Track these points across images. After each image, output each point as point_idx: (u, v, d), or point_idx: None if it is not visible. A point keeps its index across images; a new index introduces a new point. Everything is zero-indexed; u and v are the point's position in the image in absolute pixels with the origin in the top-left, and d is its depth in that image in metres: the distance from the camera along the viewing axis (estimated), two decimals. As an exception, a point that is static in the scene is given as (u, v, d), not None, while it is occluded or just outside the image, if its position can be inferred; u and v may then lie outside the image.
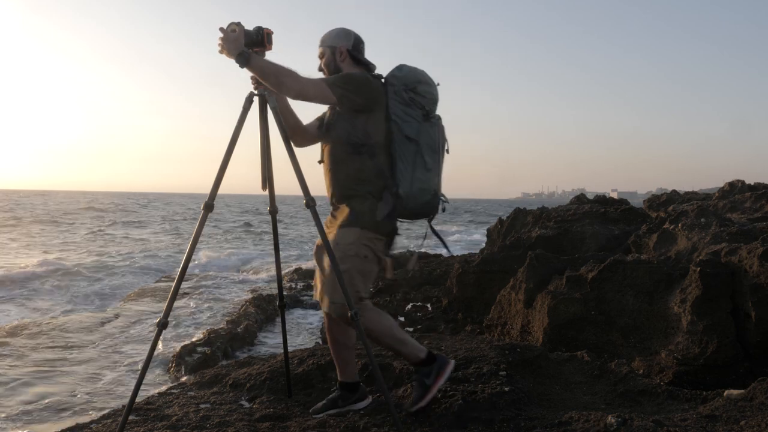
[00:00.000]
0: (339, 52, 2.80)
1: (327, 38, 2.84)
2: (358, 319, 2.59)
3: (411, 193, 2.68)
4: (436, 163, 2.77)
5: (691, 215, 5.99)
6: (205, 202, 2.65)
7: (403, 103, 2.71)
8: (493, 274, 7.31)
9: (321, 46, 2.85)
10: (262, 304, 8.85)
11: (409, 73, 2.76)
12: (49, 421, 4.44)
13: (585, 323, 4.78)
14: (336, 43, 2.81)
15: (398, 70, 2.78)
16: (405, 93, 2.72)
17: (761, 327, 4.09)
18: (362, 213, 2.70)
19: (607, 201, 10.10)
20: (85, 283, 11.51)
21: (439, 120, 2.81)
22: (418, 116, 2.73)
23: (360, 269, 2.68)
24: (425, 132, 2.73)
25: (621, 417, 2.62)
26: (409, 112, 2.71)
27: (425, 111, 2.76)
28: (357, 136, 2.69)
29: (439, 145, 2.79)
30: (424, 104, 2.76)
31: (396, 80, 2.74)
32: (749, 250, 4.36)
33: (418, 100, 2.74)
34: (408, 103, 2.71)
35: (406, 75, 2.75)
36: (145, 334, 7.37)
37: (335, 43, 2.81)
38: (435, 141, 2.76)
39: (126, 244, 20.11)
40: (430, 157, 2.74)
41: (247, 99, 2.73)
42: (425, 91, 2.76)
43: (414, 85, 2.74)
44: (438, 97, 2.81)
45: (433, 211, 2.81)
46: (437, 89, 2.81)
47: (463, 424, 2.75)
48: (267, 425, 2.79)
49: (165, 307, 2.59)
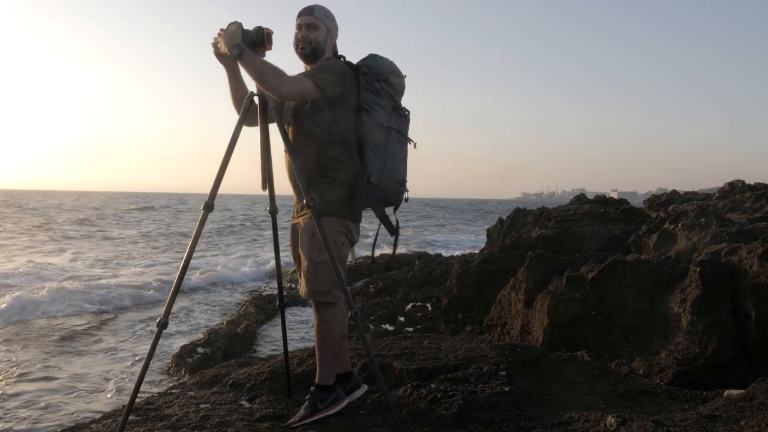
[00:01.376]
0: (331, 37, 2.81)
1: (326, 17, 2.79)
2: (359, 319, 2.62)
3: (381, 181, 2.70)
4: (403, 153, 2.80)
5: (691, 215, 5.99)
6: (205, 202, 2.66)
7: (374, 92, 2.73)
8: (493, 274, 7.31)
9: (319, 20, 2.77)
10: (262, 304, 8.85)
11: (382, 64, 2.78)
12: (50, 421, 4.45)
13: (585, 323, 4.78)
14: (332, 27, 2.82)
15: (371, 59, 2.79)
16: (377, 83, 2.74)
17: (761, 327, 4.09)
18: (334, 201, 2.72)
19: (607, 201, 10.10)
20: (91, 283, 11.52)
21: (406, 112, 2.84)
22: (387, 106, 2.76)
23: (338, 256, 2.71)
24: (394, 122, 2.76)
25: (621, 417, 2.62)
26: (380, 101, 2.73)
27: (394, 102, 2.79)
28: (328, 123, 2.71)
29: (405, 137, 2.82)
30: (393, 95, 2.79)
31: (368, 69, 2.75)
32: (749, 250, 4.36)
33: (388, 91, 2.76)
34: (379, 93, 2.74)
35: (379, 65, 2.77)
36: (144, 334, 7.37)
37: (332, 27, 2.82)
38: (403, 132, 2.80)
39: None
40: (399, 147, 2.77)
41: (248, 99, 2.74)
42: (396, 83, 2.79)
43: (387, 76, 2.76)
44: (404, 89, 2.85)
45: (398, 201, 2.83)
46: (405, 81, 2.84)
47: (463, 424, 2.75)
48: (267, 425, 2.79)
49: (165, 307, 2.59)
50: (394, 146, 2.74)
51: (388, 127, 2.72)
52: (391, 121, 2.74)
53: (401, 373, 3.33)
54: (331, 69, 2.68)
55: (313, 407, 2.79)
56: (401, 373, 3.33)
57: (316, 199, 2.65)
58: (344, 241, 2.77)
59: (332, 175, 2.73)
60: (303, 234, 2.76)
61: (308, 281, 2.73)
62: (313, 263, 2.70)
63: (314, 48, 2.76)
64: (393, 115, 2.76)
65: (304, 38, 2.75)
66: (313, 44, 2.75)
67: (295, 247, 2.93)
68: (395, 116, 2.76)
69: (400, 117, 2.78)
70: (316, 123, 2.71)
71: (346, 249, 2.80)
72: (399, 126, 2.77)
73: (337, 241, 2.73)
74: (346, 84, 2.69)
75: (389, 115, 2.74)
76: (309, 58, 2.78)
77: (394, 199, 2.79)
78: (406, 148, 2.81)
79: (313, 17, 2.75)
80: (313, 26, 2.75)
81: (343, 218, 2.75)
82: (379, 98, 2.73)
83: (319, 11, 2.78)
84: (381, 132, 2.71)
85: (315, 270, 2.69)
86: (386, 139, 2.72)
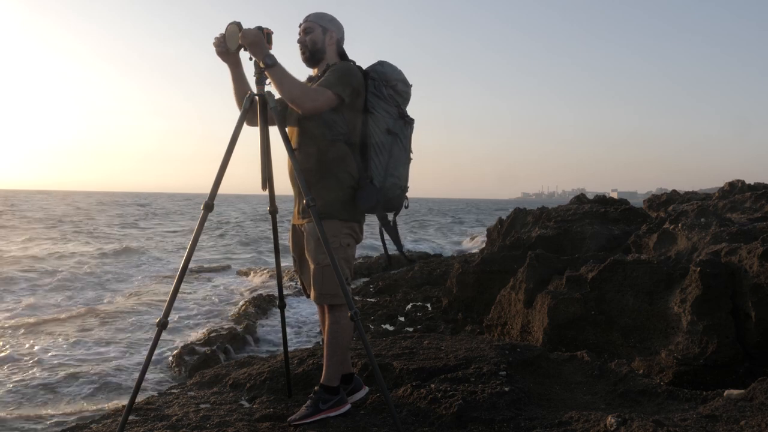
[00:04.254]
0: (330, 35, 2.82)
1: (321, 18, 2.83)
2: (358, 319, 2.61)
3: (384, 185, 2.73)
4: (406, 159, 2.83)
5: (691, 215, 5.99)
6: (205, 202, 2.65)
7: (381, 98, 2.76)
8: (493, 274, 7.32)
9: (312, 22, 2.81)
10: (262, 304, 8.86)
11: (390, 71, 2.81)
12: (50, 421, 4.45)
13: (585, 323, 4.78)
14: (330, 27, 2.83)
15: (380, 65, 2.82)
16: (384, 89, 2.77)
17: (761, 327, 4.09)
18: (337, 203, 2.73)
19: (607, 201, 10.10)
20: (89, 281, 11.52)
21: (411, 121, 2.87)
22: (393, 112, 2.78)
23: (345, 257, 2.74)
24: (399, 128, 2.78)
25: (621, 417, 2.62)
26: (386, 107, 2.76)
27: (400, 109, 2.81)
28: (330, 123, 2.72)
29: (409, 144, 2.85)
30: (399, 102, 2.81)
31: (377, 75, 2.78)
32: (749, 250, 4.36)
33: (394, 98, 2.79)
34: (386, 99, 2.77)
35: (388, 71, 2.80)
36: (144, 334, 7.37)
37: (329, 26, 2.83)
38: (407, 139, 2.82)
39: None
40: (402, 153, 2.79)
41: (248, 98, 2.74)
42: (403, 91, 2.82)
43: (394, 83, 2.79)
44: (410, 98, 2.88)
45: (398, 207, 2.85)
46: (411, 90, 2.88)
47: (463, 424, 2.75)
48: (267, 425, 2.79)
49: (165, 307, 2.59)
50: (398, 151, 2.75)
51: (392, 132, 2.74)
52: (395, 126, 2.76)
53: (401, 373, 3.33)
54: (345, 74, 2.70)
55: (315, 407, 2.79)
56: (401, 373, 3.33)
57: (317, 200, 2.65)
58: (350, 242, 2.78)
59: (333, 176, 2.74)
60: (309, 238, 2.76)
61: (316, 285, 2.73)
62: (320, 267, 2.70)
63: (311, 50, 2.79)
64: (398, 121, 2.77)
65: (301, 43, 2.80)
66: (309, 46, 2.79)
67: (295, 247, 2.93)
68: (400, 122, 2.78)
69: (405, 124, 2.80)
70: (318, 123, 2.71)
71: (353, 250, 2.82)
72: (403, 132, 2.78)
73: (344, 242, 2.73)
74: (359, 87, 2.72)
75: (394, 121, 2.76)
76: (310, 61, 2.82)
77: (395, 204, 2.81)
78: (408, 155, 2.83)
79: (308, 22, 2.81)
80: (308, 30, 2.80)
81: (348, 220, 2.75)
82: (386, 103, 2.76)
83: (313, 15, 2.82)
84: (385, 136, 2.73)
85: (323, 273, 2.69)
86: (390, 144, 2.74)
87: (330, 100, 2.63)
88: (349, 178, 2.74)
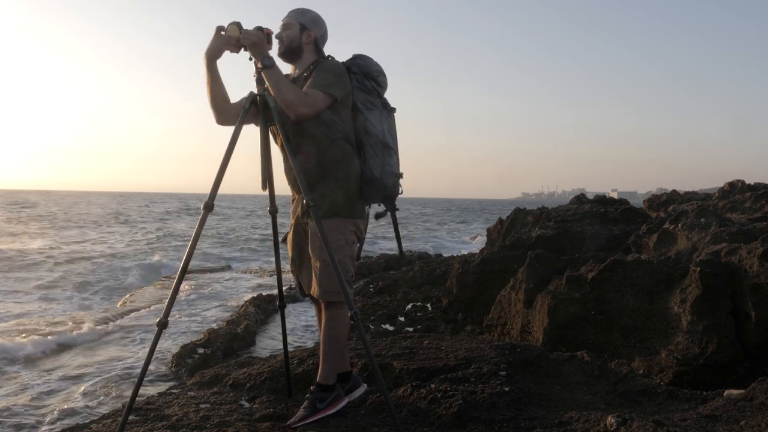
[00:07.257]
0: (308, 34, 2.83)
1: (301, 15, 2.83)
2: (358, 319, 2.61)
3: (382, 176, 2.78)
4: (396, 148, 2.89)
5: (691, 215, 6.00)
6: (205, 202, 2.65)
7: (365, 91, 2.82)
8: (493, 274, 7.31)
9: (292, 19, 2.81)
10: (262, 304, 8.85)
11: (370, 63, 2.86)
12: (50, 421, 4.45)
13: (585, 323, 4.78)
14: (309, 25, 2.84)
15: (360, 59, 2.86)
16: (367, 82, 2.83)
17: (761, 327, 4.09)
18: (339, 201, 2.75)
19: (607, 201, 10.10)
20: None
21: (393, 110, 2.92)
22: (378, 105, 2.84)
23: (349, 255, 2.78)
24: (386, 119, 2.85)
25: (621, 417, 2.62)
26: (372, 99, 2.82)
27: (383, 99, 2.88)
28: (329, 123, 2.75)
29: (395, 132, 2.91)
30: (380, 93, 2.87)
31: (358, 69, 2.83)
32: (749, 250, 4.36)
33: (377, 90, 2.85)
34: (370, 91, 2.82)
35: (368, 65, 2.85)
36: (144, 334, 7.37)
37: (309, 25, 2.84)
38: (394, 128, 2.89)
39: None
40: (393, 142, 2.85)
41: (248, 98, 2.74)
42: (383, 81, 2.89)
43: (375, 75, 2.85)
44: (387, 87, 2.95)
45: (396, 194, 2.90)
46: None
47: (463, 424, 2.75)
48: (267, 425, 2.78)
49: (165, 307, 2.59)
50: (389, 142, 2.81)
51: (381, 123, 2.80)
52: (383, 117, 2.82)
53: (401, 373, 3.33)
54: (333, 73, 2.72)
55: (313, 407, 2.78)
56: (401, 373, 3.33)
57: (320, 199, 2.67)
58: (355, 239, 2.81)
59: (334, 175, 2.75)
60: (314, 237, 2.76)
61: (320, 282, 2.74)
62: (326, 264, 2.70)
63: (287, 46, 2.80)
64: (383, 111, 2.84)
65: (278, 38, 2.80)
66: (285, 42, 2.80)
67: (295, 246, 2.93)
68: (385, 112, 2.85)
69: (389, 113, 2.87)
70: (317, 123, 2.72)
71: (356, 245, 2.84)
72: (390, 123, 2.86)
73: (349, 240, 2.76)
74: (348, 84, 2.75)
75: (380, 112, 2.82)
76: (284, 56, 2.83)
77: (393, 193, 2.86)
78: (396, 142, 2.89)
79: (287, 18, 2.82)
80: (286, 26, 2.81)
81: (351, 217, 2.77)
82: (372, 96, 2.81)
83: (295, 11, 2.84)
84: (378, 129, 2.78)
85: (328, 271, 2.70)
86: (383, 136, 2.79)
87: (324, 102, 2.66)
88: (351, 175, 2.76)
